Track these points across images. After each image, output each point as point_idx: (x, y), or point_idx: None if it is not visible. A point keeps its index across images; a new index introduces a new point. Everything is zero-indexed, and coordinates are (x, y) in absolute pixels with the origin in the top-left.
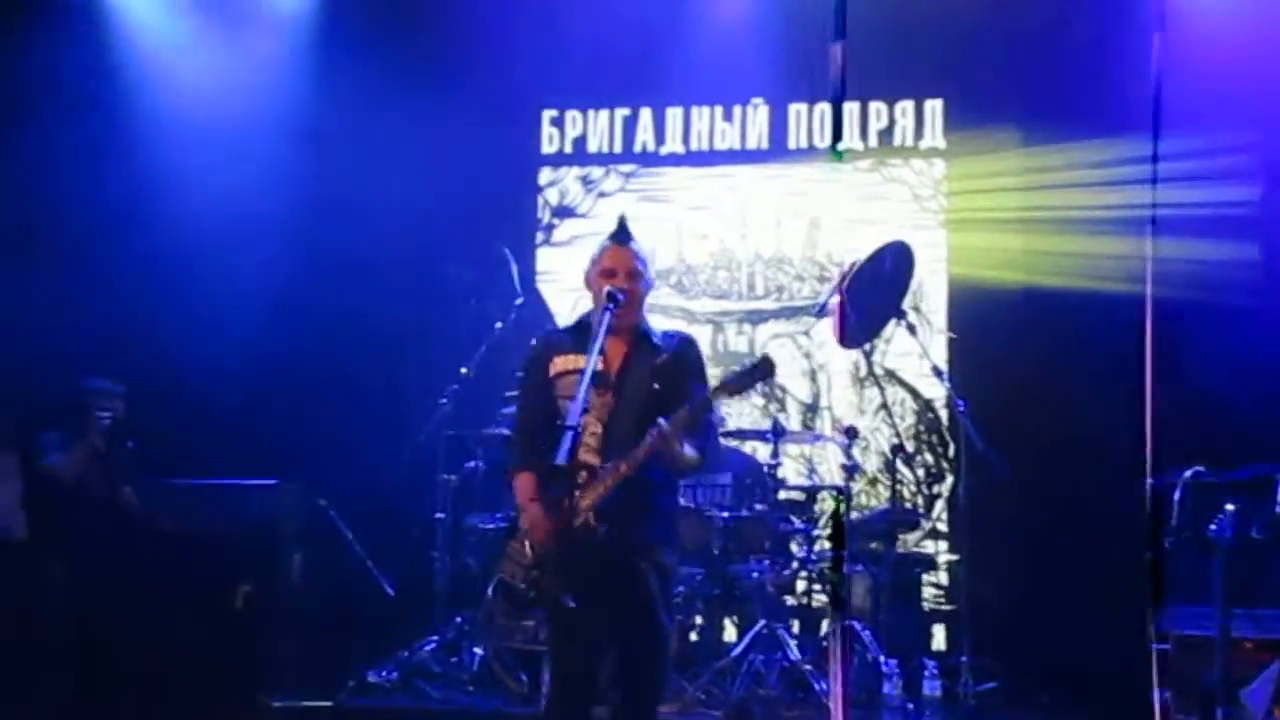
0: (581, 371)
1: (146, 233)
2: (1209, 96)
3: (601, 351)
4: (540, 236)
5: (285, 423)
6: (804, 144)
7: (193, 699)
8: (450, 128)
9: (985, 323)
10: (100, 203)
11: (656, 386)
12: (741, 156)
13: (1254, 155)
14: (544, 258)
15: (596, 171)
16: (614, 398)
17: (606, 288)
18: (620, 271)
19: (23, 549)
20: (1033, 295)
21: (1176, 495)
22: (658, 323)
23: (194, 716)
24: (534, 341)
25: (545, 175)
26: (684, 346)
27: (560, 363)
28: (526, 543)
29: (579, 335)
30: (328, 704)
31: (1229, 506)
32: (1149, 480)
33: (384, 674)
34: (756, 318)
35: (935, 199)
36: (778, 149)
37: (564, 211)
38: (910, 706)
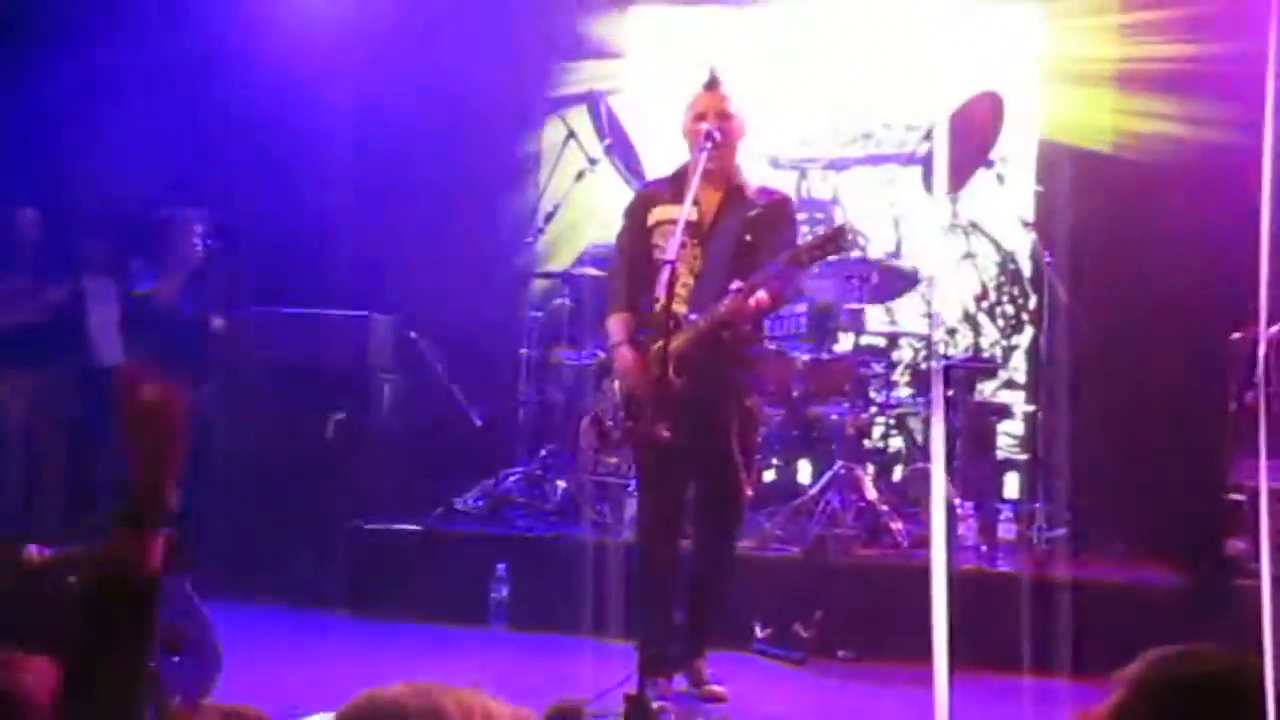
0: (678, 220)
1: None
2: None
3: (696, 201)
4: (625, 79)
5: (376, 258)
6: None
7: (289, 522)
8: None
9: (1073, 177)
10: (189, 42)
11: (748, 239)
12: (831, 1)
13: None
14: (627, 101)
15: (684, 15)
16: (705, 249)
17: (703, 126)
18: (711, 113)
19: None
20: (1123, 151)
21: (1261, 350)
22: (746, 170)
23: (291, 538)
24: (636, 190)
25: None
26: (778, 203)
27: (658, 213)
28: (617, 383)
29: (677, 185)
30: (417, 528)
31: None
32: (1235, 335)
33: (470, 501)
34: (841, 165)
35: (1028, 49)
36: None
37: (649, 55)
38: (984, 549)
